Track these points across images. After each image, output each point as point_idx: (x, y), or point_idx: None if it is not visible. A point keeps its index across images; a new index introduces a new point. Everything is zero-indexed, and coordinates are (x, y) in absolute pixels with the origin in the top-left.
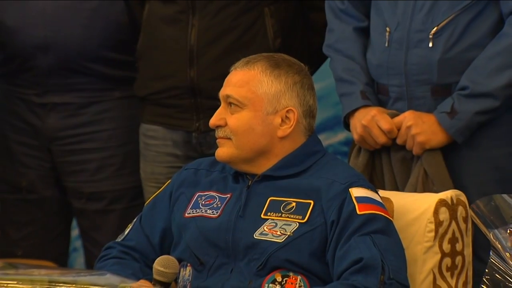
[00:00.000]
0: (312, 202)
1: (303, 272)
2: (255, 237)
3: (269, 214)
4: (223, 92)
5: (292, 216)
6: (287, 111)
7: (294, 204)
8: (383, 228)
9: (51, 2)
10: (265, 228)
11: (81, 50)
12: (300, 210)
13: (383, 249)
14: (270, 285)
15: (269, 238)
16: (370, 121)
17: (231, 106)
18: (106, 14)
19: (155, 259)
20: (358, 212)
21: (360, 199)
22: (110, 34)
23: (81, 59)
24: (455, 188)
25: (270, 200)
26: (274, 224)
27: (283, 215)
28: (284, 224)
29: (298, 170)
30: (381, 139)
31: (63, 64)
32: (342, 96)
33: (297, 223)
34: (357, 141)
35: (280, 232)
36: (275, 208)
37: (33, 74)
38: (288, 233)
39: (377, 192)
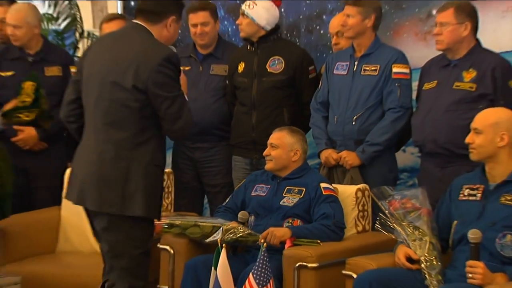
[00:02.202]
0: (304, 189)
1: (301, 218)
2: (280, 204)
3: (285, 194)
4: (269, 141)
5: (295, 195)
6: (296, 150)
7: (296, 189)
8: (334, 200)
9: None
10: (284, 200)
11: (211, 124)
12: (299, 192)
13: (334, 209)
14: (286, 223)
15: (285, 204)
16: (328, 156)
17: (272, 146)
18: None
19: (239, 212)
20: (323, 193)
21: (324, 188)
22: (225, 117)
23: (211, 128)
24: (364, 183)
25: (286, 188)
26: (288, 198)
27: (291, 194)
28: (292, 198)
29: (299, 175)
30: (333, 162)
31: (203, 130)
32: (317, 144)
33: (298, 198)
34: (323, 163)
35: (291, 201)
36: (288, 191)
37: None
38: (294, 202)
39: (331, 185)
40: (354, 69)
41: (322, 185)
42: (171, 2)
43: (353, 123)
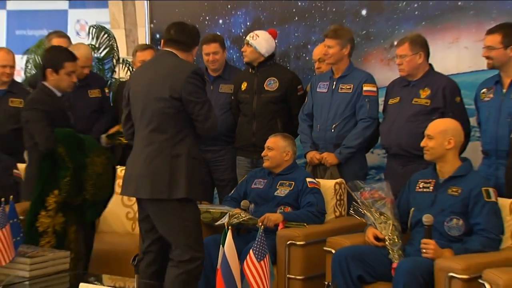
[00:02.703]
0: (293, 183)
1: (290, 206)
2: (274, 194)
3: (278, 186)
4: (266, 145)
5: (286, 187)
6: (288, 152)
7: (287, 183)
8: (317, 191)
9: None
10: (277, 191)
11: (220, 131)
12: (289, 185)
13: (317, 198)
14: (279, 210)
15: (279, 194)
16: (312, 156)
17: (269, 149)
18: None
19: (242, 201)
20: (309, 186)
21: (309, 182)
22: (231, 126)
23: (220, 135)
24: (341, 178)
25: (279, 182)
26: (280, 190)
27: (283, 187)
28: (284, 190)
29: (289, 172)
30: (316, 161)
31: (213, 136)
32: (303, 147)
33: (288, 190)
34: (308, 162)
35: (282, 192)
36: (281, 184)
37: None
38: (285, 193)
39: (315, 179)
40: (333, 87)
41: (308, 179)
42: (196, 36)
43: (332, 130)
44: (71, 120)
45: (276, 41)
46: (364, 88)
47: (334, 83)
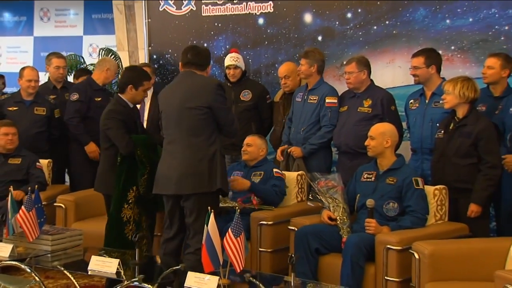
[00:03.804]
0: (263, 172)
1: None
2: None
3: (252, 177)
4: (246, 142)
5: (258, 176)
6: (263, 149)
7: (259, 173)
8: (280, 178)
9: None
10: (252, 179)
11: None
12: (260, 175)
13: (280, 182)
14: (252, 195)
15: (254, 181)
16: (282, 149)
17: (248, 145)
18: None
19: None
20: (275, 175)
21: (275, 172)
22: None
23: None
24: (308, 171)
25: (253, 173)
26: (253, 179)
27: (256, 176)
28: (256, 178)
29: (261, 165)
30: (279, 153)
31: None
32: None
33: (259, 178)
34: (278, 158)
35: (256, 181)
36: (254, 175)
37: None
38: (257, 181)
39: (280, 170)
40: (305, 98)
41: (274, 170)
42: (209, 56)
43: (301, 132)
44: (140, 128)
45: (250, 60)
46: (327, 100)
47: (306, 94)
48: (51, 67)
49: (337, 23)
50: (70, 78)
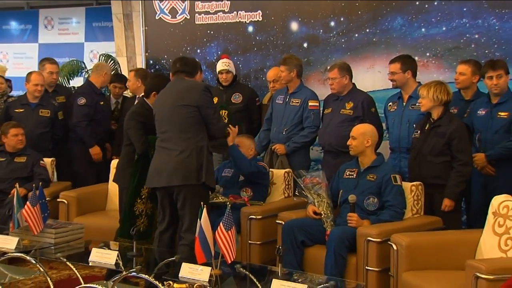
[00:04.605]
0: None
1: (249, 187)
2: (238, 180)
3: (241, 174)
4: (236, 142)
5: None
6: (252, 148)
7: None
8: (267, 173)
9: None
10: (241, 177)
11: None
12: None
13: (260, 166)
14: (242, 192)
15: (241, 179)
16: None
17: (237, 146)
18: None
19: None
20: (257, 163)
21: (258, 162)
22: None
23: None
24: (290, 167)
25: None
26: (242, 176)
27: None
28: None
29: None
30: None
31: None
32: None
33: None
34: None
35: (244, 177)
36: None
37: None
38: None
39: (265, 165)
40: (287, 100)
41: (259, 162)
42: (196, 65)
43: (283, 133)
44: None
45: (240, 66)
46: (309, 103)
47: (287, 97)
48: (45, 72)
49: (321, 31)
50: (73, 83)
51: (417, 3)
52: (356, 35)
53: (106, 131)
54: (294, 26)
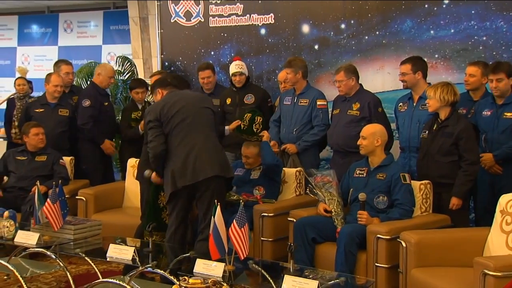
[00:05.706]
0: (262, 167)
1: (262, 185)
2: (250, 178)
3: (252, 172)
4: (243, 154)
5: (258, 170)
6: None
7: (257, 167)
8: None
9: None
10: (252, 175)
11: None
12: (259, 169)
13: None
14: (255, 190)
15: (253, 177)
16: (274, 145)
17: (247, 157)
18: None
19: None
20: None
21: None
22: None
23: None
24: (301, 166)
25: (253, 169)
26: (254, 174)
27: (255, 170)
28: (256, 172)
29: (261, 164)
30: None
31: None
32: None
33: (259, 172)
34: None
35: (256, 176)
36: (254, 169)
37: None
38: (257, 176)
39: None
40: (295, 101)
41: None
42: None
43: (293, 132)
44: None
45: (253, 67)
46: (318, 103)
47: (295, 98)
48: (61, 72)
49: (332, 33)
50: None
51: (426, 5)
52: (366, 37)
53: (112, 131)
54: (305, 28)
